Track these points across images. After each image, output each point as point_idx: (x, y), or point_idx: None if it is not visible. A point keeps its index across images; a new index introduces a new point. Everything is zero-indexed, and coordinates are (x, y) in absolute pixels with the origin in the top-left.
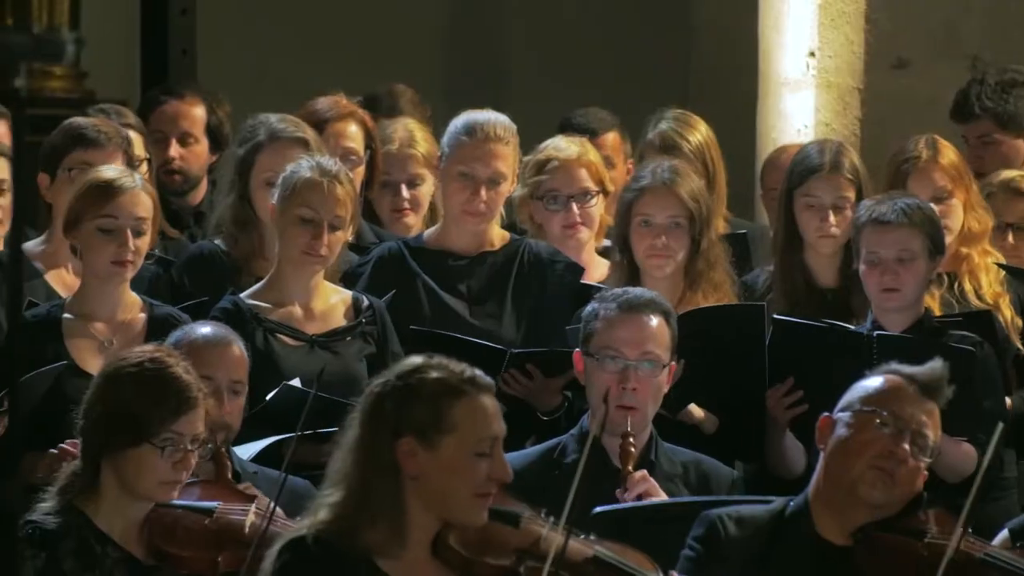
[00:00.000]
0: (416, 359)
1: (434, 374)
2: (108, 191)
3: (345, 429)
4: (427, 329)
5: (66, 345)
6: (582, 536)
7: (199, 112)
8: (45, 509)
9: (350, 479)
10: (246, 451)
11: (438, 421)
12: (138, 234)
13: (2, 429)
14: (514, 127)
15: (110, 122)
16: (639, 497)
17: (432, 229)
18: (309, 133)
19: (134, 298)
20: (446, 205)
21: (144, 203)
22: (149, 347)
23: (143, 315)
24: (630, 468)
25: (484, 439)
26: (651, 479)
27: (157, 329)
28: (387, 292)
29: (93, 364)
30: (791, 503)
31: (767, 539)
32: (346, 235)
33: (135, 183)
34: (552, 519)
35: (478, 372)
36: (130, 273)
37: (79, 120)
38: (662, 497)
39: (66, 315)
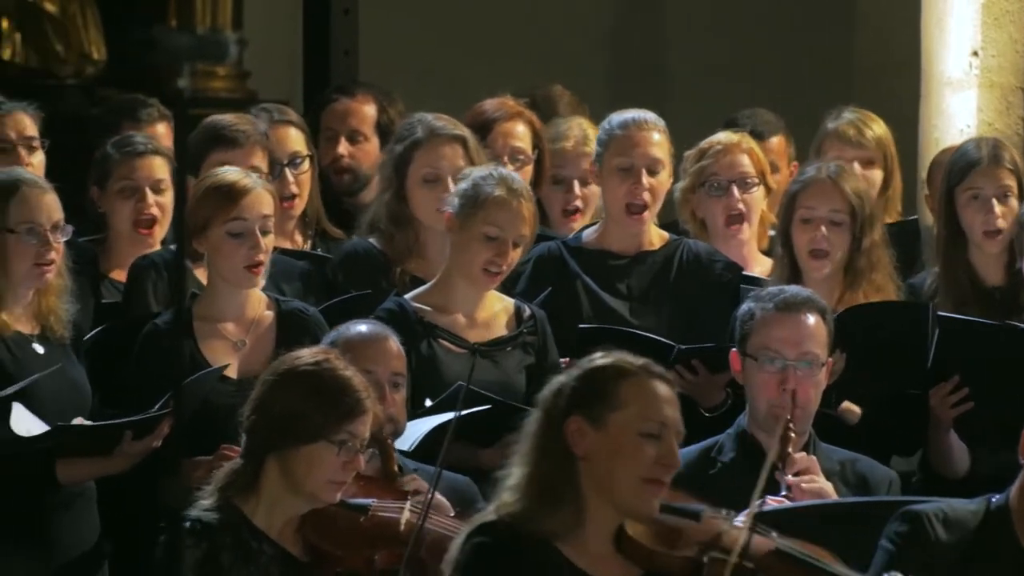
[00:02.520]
0: (599, 354)
1: (610, 359)
2: (232, 193)
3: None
4: (595, 325)
5: (200, 348)
6: (764, 531)
7: (369, 110)
8: (204, 506)
9: (528, 459)
10: (406, 441)
11: (605, 398)
12: (265, 232)
13: (167, 430)
14: (663, 122)
15: (248, 119)
16: (798, 474)
17: (591, 229)
18: (467, 131)
19: (260, 295)
20: (607, 203)
21: (268, 201)
22: (318, 349)
23: (271, 312)
24: (790, 450)
25: (651, 420)
26: (813, 458)
27: (286, 325)
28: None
29: (230, 365)
30: (992, 504)
31: (971, 544)
32: (524, 251)
33: (257, 183)
34: (732, 515)
35: (657, 366)
36: (262, 279)
37: (218, 120)
38: (822, 478)
39: (196, 318)
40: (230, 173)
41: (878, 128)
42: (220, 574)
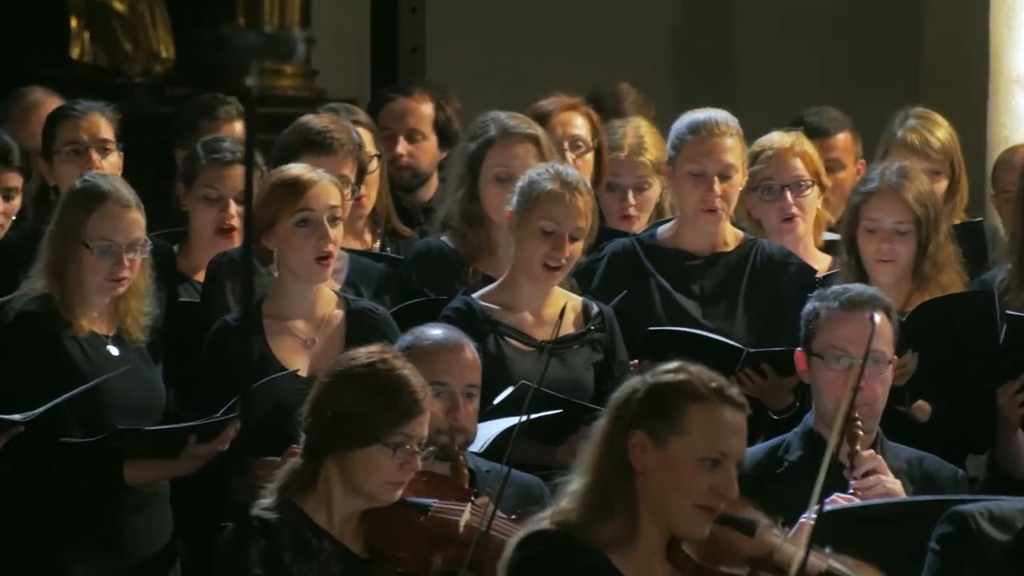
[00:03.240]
0: (676, 362)
1: (683, 376)
2: (297, 186)
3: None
4: (665, 328)
5: (270, 346)
6: (818, 549)
7: (427, 109)
8: (265, 504)
9: (589, 467)
10: (477, 442)
11: (672, 420)
12: (333, 223)
13: (232, 434)
14: (736, 121)
15: (343, 125)
16: (867, 475)
17: (666, 227)
18: (540, 130)
19: (330, 294)
20: (681, 206)
21: (334, 193)
22: (376, 348)
23: (340, 311)
24: (858, 447)
25: (714, 450)
26: (880, 458)
27: (356, 323)
28: (620, 290)
29: (298, 363)
30: None
31: (1019, 542)
32: (585, 244)
33: (321, 176)
34: (787, 530)
35: (734, 389)
36: (329, 270)
37: (312, 123)
38: (890, 477)
39: (265, 316)
40: (295, 168)
41: (942, 134)
42: (282, 570)
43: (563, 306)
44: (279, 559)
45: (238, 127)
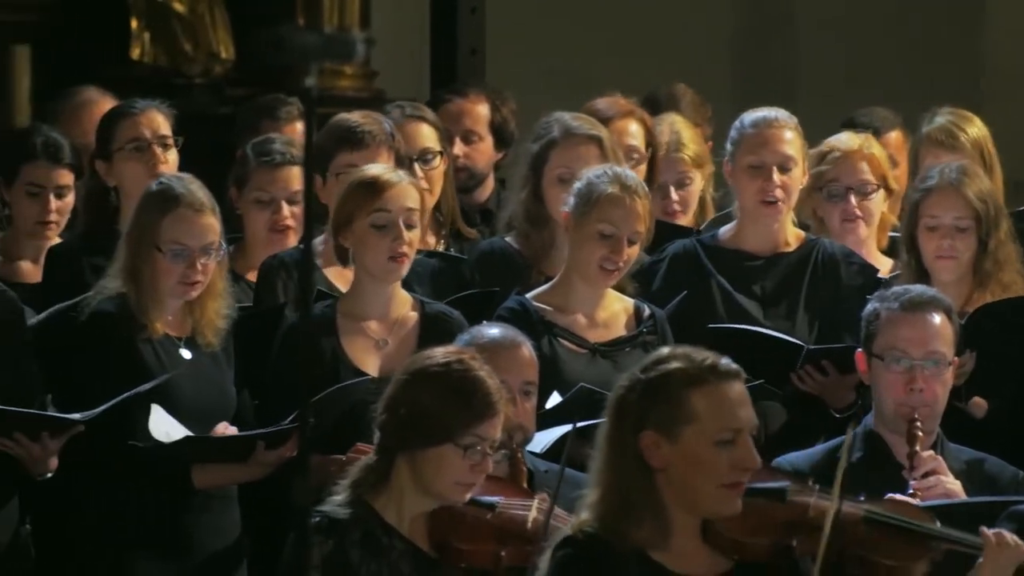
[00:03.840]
0: (662, 351)
1: (675, 364)
2: (376, 186)
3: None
4: (724, 325)
5: (342, 344)
6: (851, 498)
7: (483, 110)
8: (336, 501)
9: (604, 477)
10: (537, 443)
11: (677, 412)
12: (409, 226)
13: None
14: (795, 119)
15: (375, 119)
16: (926, 475)
17: (727, 228)
18: (603, 131)
19: (405, 296)
20: (741, 202)
21: (412, 195)
22: (452, 349)
23: (415, 313)
24: (917, 448)
25: (726, 428)
26: (940, 459)
27: (430, 326)
28: (681, 290)
29: (369, 363)
30: None
31: None
32: (641, 247)
33: (401, 177)
34: (818, 486)
35: (722, 360)
36: (406, 268)
37: (345, 119)
38: (950, 477)
39: (339, 314)
40: (375, 168)
41: (973, 129)
42: (349, 570)
43: (618, 311)
44: (345, 560)
45: (299, 127)
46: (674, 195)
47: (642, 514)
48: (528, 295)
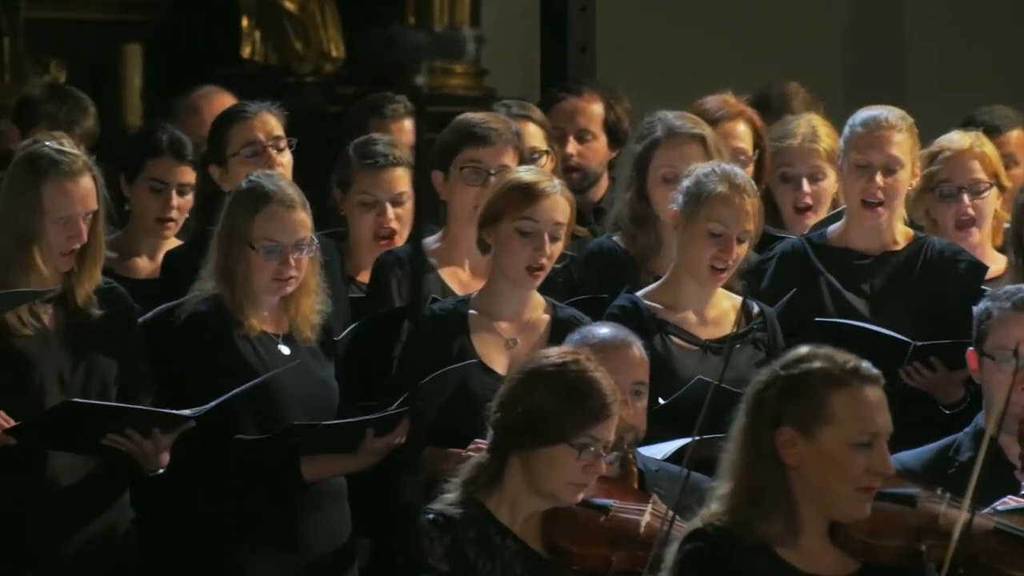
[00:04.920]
0: (802, 349)
1: (817, 364)
2: (531, 193)
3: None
4: (831, 320)
5: (472, 341)
6: (982, 511)
7: (597, 108)
8: (448, 500)
9: (737, 470)
10: (657, 451)
11: (816, 411)
12: (554, 239)
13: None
14: (910, 119)
15: (501, 118)
16: None
17: (835, 227)
18: (707, 130)
19: (539, 298)
20: (847, 200)
21: (563, 208)
22: (567, 349)
23: (547, 316)
24: None
25: (864, 432)
26: None
27: (560, 331)
28: (789, 288)
29: (498, 362)
30: None
31: None
32: (750, 245)
33: (556, 188)
34: (948, 495)
35: (864, 363)
36: (540, 280)
37: (471, 117)
38: None
39: (471, 311)
40: (533, 173)
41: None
42: (466, 566)
43: (728, 307)
44: (463, 555)
45: (406, 125)
46: (806, 187)
47: (773, 510)
48: (638, 293)
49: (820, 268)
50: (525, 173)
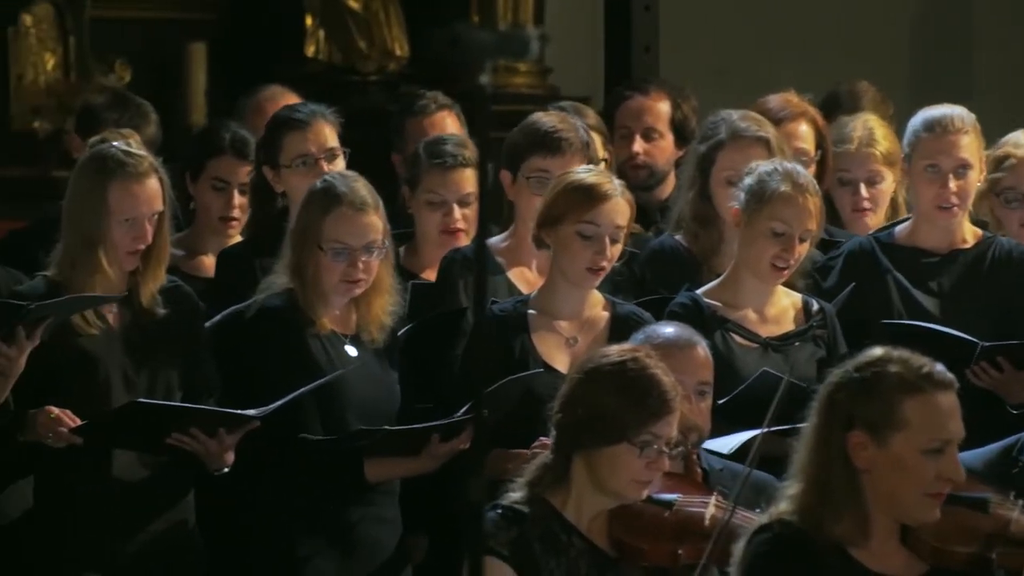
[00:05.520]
0: (876, 351)
1: (892, 368)
2: (592, 196)
3: (806, 421)
4: (899, 321)
5: (532, 340)
6: None
7: (663, 107)
8: (513, 499)
9: (807, 470)
10: (724, 445)
11: (889, 417)
12: (614, 241)
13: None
14: (973, 117)
15: (572, 123)
16: None
17: (903, 226)
18: (771, 131)
19: (598, 296)
20: (917, 203)
21: (624, 211)
22: (627, 347)
23: (606, 313)
24: None
25: (935, 439)
26: None
27: (620, 327)
28: (856, 287)
29: (559, 360)
30: None
31: None
32: (811, 244)
33: (617, 190)
34: (1022, 502)
35: (938, 367)
36: (599, 280)
37: (542, 122)
38: None
39: (531, 311)
40: (594, 175)
41: None
42: (532, 559)
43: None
44: (529, 549)
45: (438, 120)
46: (864, 192)
47: (843, 511)
48: (698, 291)
49: (888, 266)
50: (586, 174)
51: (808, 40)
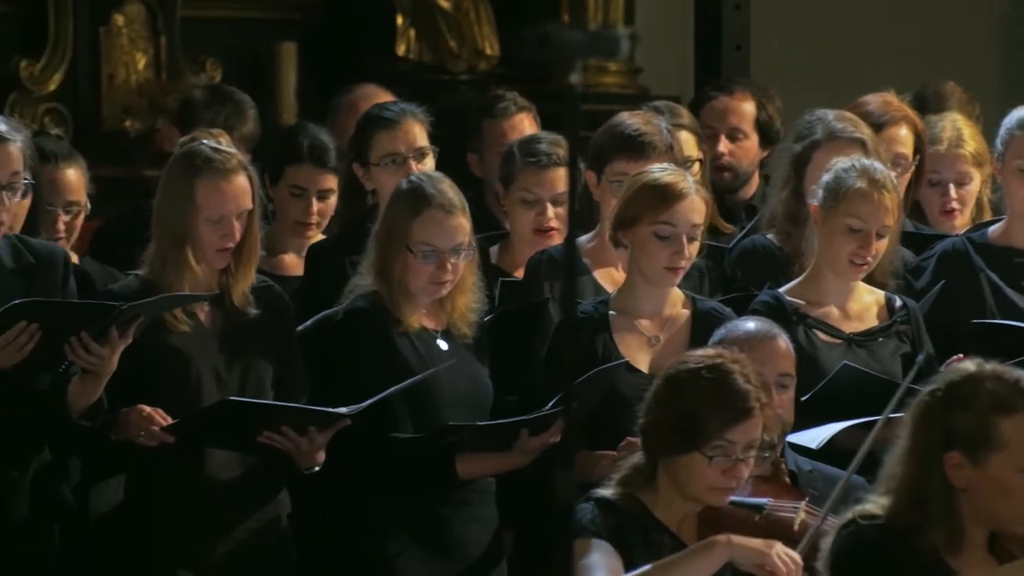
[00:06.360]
0: (968, 366)
1: (987, 386)
2: (668, 195)
3: (898, 434)
4: (989, 321)
5: (615, 341)
6: None
7: (748, 107)
8: (606, 494)
9: (902, 485)
10: (810, 439)
11: (986, 438)
12: (691, 240)
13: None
14: None
15: (656, 125)
16: None
17: (996, 226)
18: (866, 132)
19: (678, 293)
20: (1011, 202)
21: (699, 209)
22: (710, 351)
23: (687, 310)
24: None
25: None
26: None
27: (702, 323)
28: (949, 287)
29: (642, 360)
30: None
31: None
32: (891, 241)
33: (691, 188)
34: None
35: None
36: (679, 278)
37: (627, 124)
38: None
39: (612, 311)
40: (669, 174)
41: None
42: (630, 549)
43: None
44: (627, 537)
45: (517, 121)
46: (953, 193)
47: (937, 524)
48: (780, 289)
49: (981, 265)
50: (660, 174)
51: (897, 40)
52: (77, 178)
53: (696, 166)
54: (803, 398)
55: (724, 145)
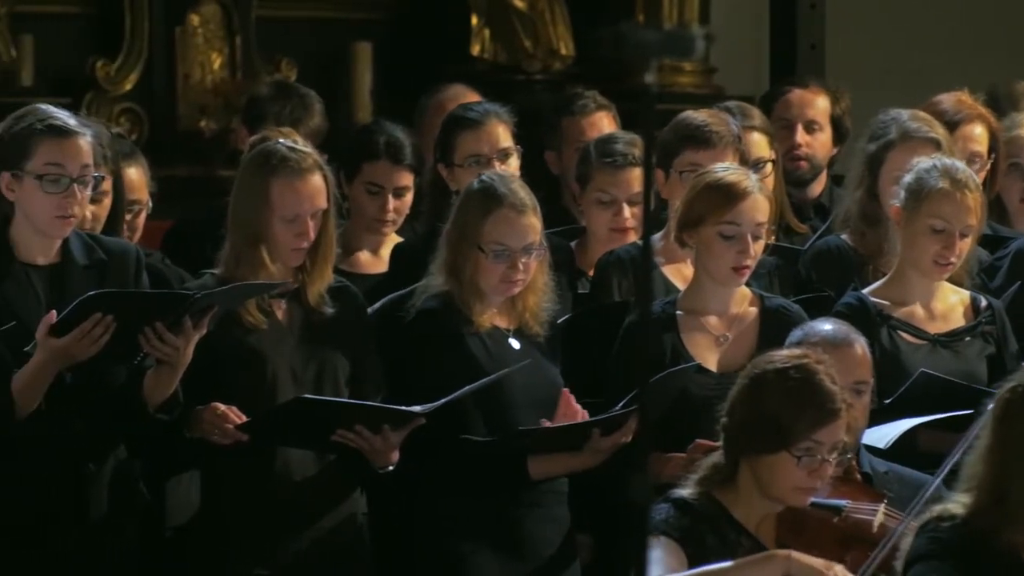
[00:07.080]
0: None
1: None
2: (731, 195)
3: (979, 432)
4: None
5: (683, 341)
6: None
7: (823, 101)
8: (684, 494)
9: (985, 482)
10: (879, 438)
11: None
12: (756, 239)
13: (635, 426)
14: None
15: (722, 118)
16: None
17: None
18: (941, 132)
19: (745, 291)
20: None
21: (764, 208)
22: (795, 352)
23: (755, 308)
24: None
25: None
26: None
27: (770, 321)
28: None
29: (711, 360)
30: None
31: None
32: (974, 240)
33: (755, 187)
34: None
35: None
36: (746, 278)
37: (692, 117)
38: None
39: (679, 311)
40: (732, 173)
41: None
42: (704, 550)
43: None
44: (702, 539)
45: (596, 120)
46: None
47: (1018, 524)
48: (864, 290)
49: None
50: (723, 172)
51: (974, 37)
52: (138, 176)
53: (768, 166)
54: (885, 402)
55: (801, 135)
